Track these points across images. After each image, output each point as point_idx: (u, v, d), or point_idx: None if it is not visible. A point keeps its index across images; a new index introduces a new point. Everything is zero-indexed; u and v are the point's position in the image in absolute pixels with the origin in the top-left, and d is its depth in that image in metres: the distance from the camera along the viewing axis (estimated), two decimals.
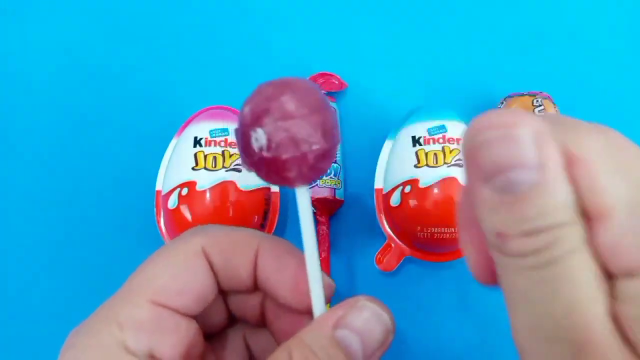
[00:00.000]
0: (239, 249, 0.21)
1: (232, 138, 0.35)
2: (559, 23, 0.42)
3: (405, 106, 0.38)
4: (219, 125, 0.35)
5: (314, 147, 0.18)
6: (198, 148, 0.34)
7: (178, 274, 0.19)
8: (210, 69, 0.41)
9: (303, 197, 0.19)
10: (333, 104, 0.38)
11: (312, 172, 0.18)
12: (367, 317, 0.19)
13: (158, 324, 0.18)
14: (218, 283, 0.21)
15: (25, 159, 0.39)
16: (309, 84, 0.19)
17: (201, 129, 0.35)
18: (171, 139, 0.36)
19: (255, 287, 0.21)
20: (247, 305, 0.22)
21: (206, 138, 0.35)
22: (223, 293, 0.22)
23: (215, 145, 0.34)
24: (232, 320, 0.23)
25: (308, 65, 0.40)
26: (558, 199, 0.13)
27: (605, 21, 0.43)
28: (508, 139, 0.13)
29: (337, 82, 0.39)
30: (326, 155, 0.18)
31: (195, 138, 0.35)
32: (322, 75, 0.39)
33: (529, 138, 0.13)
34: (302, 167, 0.18)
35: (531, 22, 0.42)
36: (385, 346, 0.19)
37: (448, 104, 0.37)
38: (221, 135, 0.35)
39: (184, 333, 0.19)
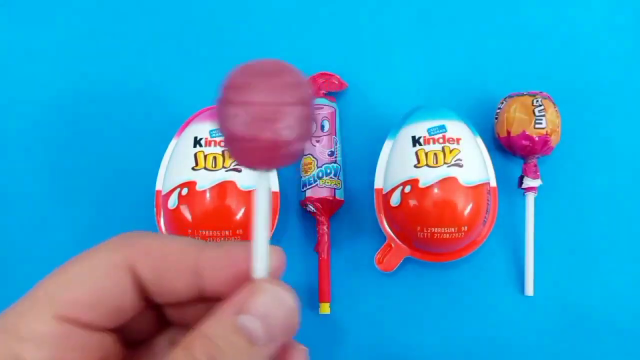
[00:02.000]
0: (174, 261, 0.19)
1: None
2: (559, 23, 0.42)
3: (405, 106, 0.38)
4: None
5: (287, 135, 0.17)
6: (198, 148, 0.34)
7: (92, 287, 0.18)
8: (210, 69, 0.41)
9: (263, 181, 0.19)
10: (333, 104, 0.38)
11: (279, 159, 0.18)
12: (267, 300, 0.19)
13: (62, 340, 0.17)
14: (148, 296, 0.19)
15: (25, 159, 0.39)
16: (298, 76, 0.18)
17: (201, 129, 0.35)
18: (171, 139, 0.36)
19: (197, 298, 0.20)
20: (189, 313, 0.21)
21: (206, 138, 0.35)
22: (154, 304, 0.20)
23: (215, 145, 0.34)
24: (164, 324, 0.21)
25: (308, 65, 0.40)
26: None
27: (605, 21, 0.43)
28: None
29: (337, 82, 0.39)
30: (296, 146, 0.18)
31: (195, 138, 0.35)
32: (322, 75, 0.39)
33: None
34: (269, 153, 0.17)
35: (531, 22, 0.42)
36: (291, 328, 0.19)
37: (448, 104, 0.37)
38: (221, 135, 0.35)
39: (94, 348, 0.18)
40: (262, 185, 0.19)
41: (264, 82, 0.17)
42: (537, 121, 0.35)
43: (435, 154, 0.34)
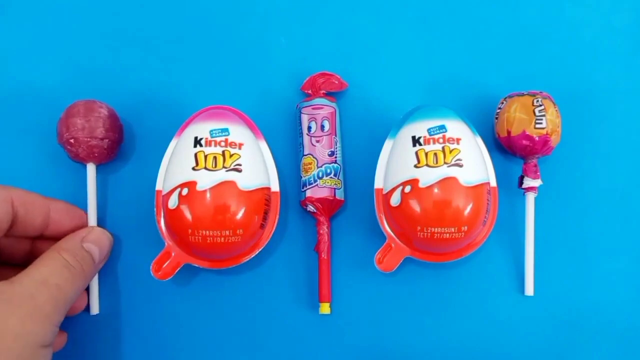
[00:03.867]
0: (37, 205, 0.33)
1: (209, 136, 0.35)
2: (559, 23, 0.42)
3: (405, 106, 0.38)
4: (219, 125, 0.35)
5: (107, 141, 0.36)
6: (198, 148, 0.34)
7: None
8: (210, 69, 0.41)
9: (91, 171, 0.36)
10: (333, 104, 0.38)
11: (96, 156, 0.36)
12: (99, 235, 0.34)
13: None
14: (11, 227, 0.32)
15: (24, 157, 0.39)
16: (94, 104, 0.36)
17: (201, 129, 0.35)
18: (171, 139, 0.36)
19: (42, 233, 0.34)
20: (18, 247, 0.34)
21: (206, 138, 0.35)
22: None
23: (215, 145, 0.34)
24: None
25: (308, 65, 0.41)
26: None
27: (606, 21, 0.43)
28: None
29: (337, 82, 0.39)
30: (112, 147, 0.36)
31: (196, 138, 0.35)
32: (322, 75, 0.39)
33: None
34: (88, 151, 0.35)
35: (531, 22, 0.42)
36: (110, 252, 0.36)
37: (448, 103, 0.37)
38: (221, 135, 0.35)
39: None
40: (90, 175, 0.36)
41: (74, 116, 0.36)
42: (538, 121, 0.36)
43: (435, 154, 0.34)
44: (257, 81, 0.41)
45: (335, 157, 0.37)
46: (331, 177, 0.37)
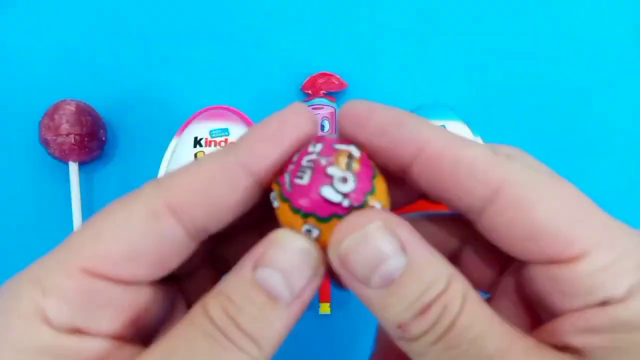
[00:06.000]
0: (217, 193, 0.16)
1: (216, 137, 0.35)
2: (559, 22, 0.42)
3: (406, 106, 0.38)
4: (219, 125, 0.35)
5: (72, 136, 0.35)
6: (198, 148, 0.34)
7: (127, 238, 0.15)
8: (210, 69, 0.41)
9: (73, 170, 0.36)
10: (333, 104, 0.38)
11: (67, 153, 0.35)
12: (289, 252, 0.16)
13: (88, 297, 0.15)
14: (199, 233, 0.16)
15: (24, 156, 0.39)
16: (63, 103, 0.36)
17: (201, 129, 0.35)
18: (171, 139, 0.36)
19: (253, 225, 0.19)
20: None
21: (206, 138, 0.35)
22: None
23: (215, 145, 0.34)
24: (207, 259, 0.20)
25: (308, 65, 0.40)
26: (431, 270, 0.15)
27: (605, 21, 0.43)
28: (362, 241, 0.15)
29: (337, 82, 0.39)
30: (83, 143, 0.35)
31: (196, 138, 0.35)
32: (322, 75, 0.39)
33: (380, 232, 0.15)
34: (58, 149, 0.35)
35: (532, 22, 0.42)
36: (318, 280, 0.17)
37: (448, 103, 0.37)
38: (221, 135, 0.35)
39: (126, 304, 0.15)
40: (73, 174, 0.36)
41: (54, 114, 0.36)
42: None
43: None
44: (257, 81, 0.41)
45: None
46: None
